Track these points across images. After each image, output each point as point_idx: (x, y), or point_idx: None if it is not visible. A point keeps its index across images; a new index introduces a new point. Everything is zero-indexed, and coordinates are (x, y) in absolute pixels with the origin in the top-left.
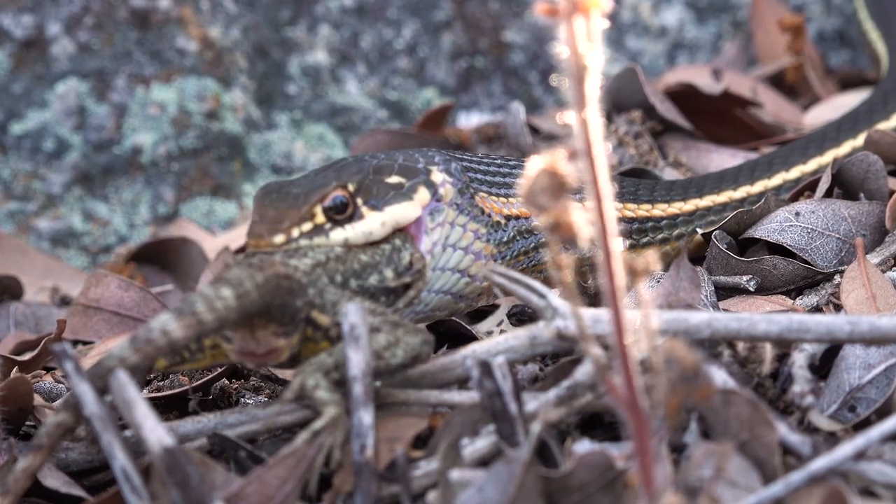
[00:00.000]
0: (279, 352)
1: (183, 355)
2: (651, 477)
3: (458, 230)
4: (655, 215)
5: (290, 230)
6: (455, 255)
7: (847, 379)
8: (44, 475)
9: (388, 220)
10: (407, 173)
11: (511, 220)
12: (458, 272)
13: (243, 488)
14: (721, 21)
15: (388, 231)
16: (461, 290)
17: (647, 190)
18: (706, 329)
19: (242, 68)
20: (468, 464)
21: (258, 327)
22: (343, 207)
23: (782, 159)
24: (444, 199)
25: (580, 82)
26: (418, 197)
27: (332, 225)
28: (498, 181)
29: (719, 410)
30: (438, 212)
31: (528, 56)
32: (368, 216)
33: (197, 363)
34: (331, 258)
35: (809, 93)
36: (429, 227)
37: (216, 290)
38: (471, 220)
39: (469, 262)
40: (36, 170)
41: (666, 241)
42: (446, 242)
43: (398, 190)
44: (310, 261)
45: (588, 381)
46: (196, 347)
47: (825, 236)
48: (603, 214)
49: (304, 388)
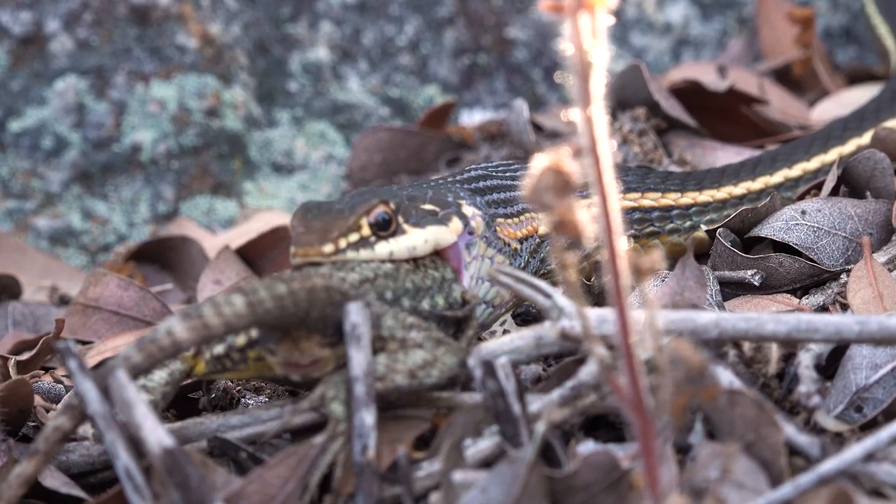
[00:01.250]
0: (324, 362)
1: (225, 364)
2: (656, 478)
3: (486, 263)
4: (683, 203)
5: (338, 240)
6: (484, 287)
7: (854, 379)
8: (43, 475)
9: (430, 237)
10: (439, 203)
11: (524, 241)
12: (486, 303)
13: (244, 488)
14: (726, 17)
15: (430, 249)
16: (485, 319)
17: (677, 179)
18: (714, 329)
19: (243, 65)
20: (471, 465)
21: (301, 339)
22: (386, 223)
23: (785, 156)
24: (477, 232)
25: (584, 79)
26: (452, 225)
27: (376, 238)
28: (506, 198)
29: (725, 411)
30: (473, 245)
31: (531, 53)
32: (411, 232)
33: (240, 373)
34: (379, 275)
35: (816, 88)
36: (467, 262)
37: (227, 297)
38: (497, 253)
39: (494, 294)
40: (34, 168)
41: (694, 229)
42: (479, 275)
43: (433, 215)
44: (357, 276)
45: (592, 381)
46: (239, 357)
47: (831, 235)
48: (608, 212)
49: (323, 397)
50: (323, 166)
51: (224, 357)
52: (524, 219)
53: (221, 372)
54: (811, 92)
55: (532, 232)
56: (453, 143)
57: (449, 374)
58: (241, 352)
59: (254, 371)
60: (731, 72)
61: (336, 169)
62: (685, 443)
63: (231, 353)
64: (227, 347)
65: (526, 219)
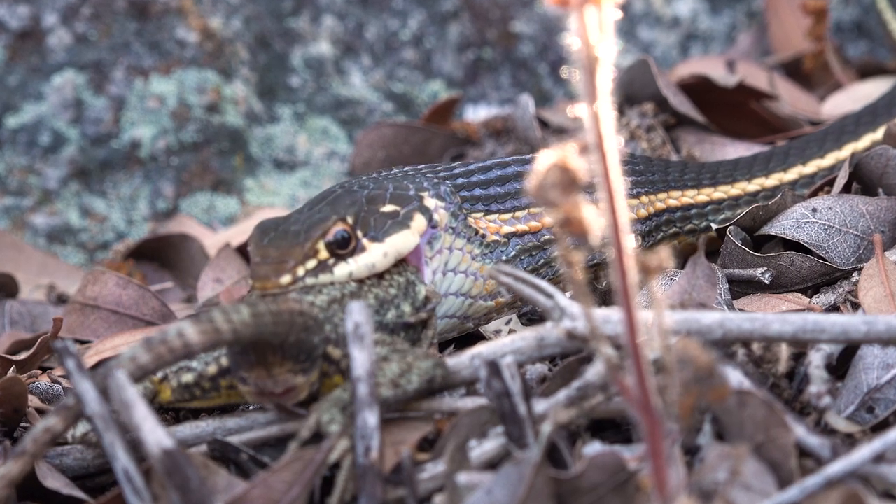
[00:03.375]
0: (297, 390)
1: (194, 392)
2: (664, 480)
3: (456, 254)
4: (700, 201)
5: (295, 269)
6: (456, 279)
7: (865, 379)
8: (44, 476)
9: (391, 250)
10: (400, 201)
11: (514, 237)
12: (461, 295)
13: (248, 492)
14: (735, 11)
15: (391, 262)
16: (465, 311)
17: (692, 174)
18: (718, 329)
19: (244, 60)
20: (476, 466)
21: (274, 365)
22: (345, 242)
23: (798, 152)
24: (440, 225)
25: (591, 74)
26: (415, 224)
27: (335, 260)
28: (495, 193)
29: (734, 411)
30: (436, 239)
31: (537, 47)
32: (370, 248)
33: (209, 401)
34: (345, 294)
35: (827, 83)
36: (428, 258)
37: (233, 305)
38: (466, 242)
39: (469, 285)
40: (32, 164)
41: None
42: (446, 268)
43: (395, 219)
44: (325, 297)
45: (599, 381)
46: (210, 386)
47: (843, 233)
48: (615, 210)
49: (319, 423)
50: (325, 163)
51: (194, 386)
52: (521, 216)
53: (189, 401)
54: (822, 87)
55: (530, 230)
56: (458, 139)
57: (427, 378)
58: (213, 380)
59: (224, 399)
60: (740, 66)
61: (339, 165)
62: (693, 444)
63: (202, 381)
64: (197, 376)
65: (524, 216)
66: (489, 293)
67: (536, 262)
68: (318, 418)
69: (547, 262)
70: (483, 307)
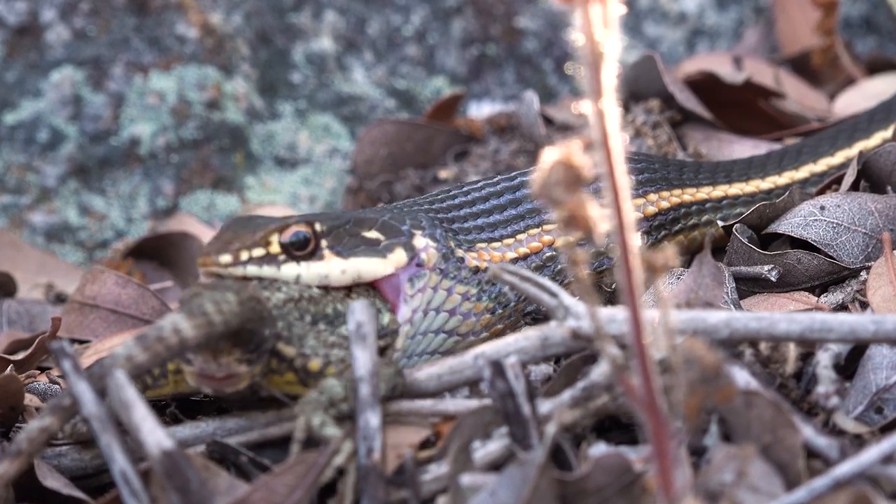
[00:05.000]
0: (238, 378)
1: (146, 381)
2: (670, 481)
3: (441, 294)
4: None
5: (238, 252)
6: (439, 318)
7: (874, 379)
8: (44, 476)
9: (350, 269)
10: (388, 231)
11: (519, 261)
12: (444, 333)
13: (249, 495)
14: (742, 7)
15: (347, 281)
16: (450, 347)
17: (707, 172)
18: (725, 329)
19: (245, 56)
20: (480, 467)
21: (223, 352)
22: (304, 244)
23: (811, 149)
24: (427, 265)
25: (596, 70)
26: (393, 257)
27: (286, 258)
28: (502, 219)
29: (741, 412)
30: (419, 277)
31: (541, 43)
32: (329, 260)
33: (160, 390)
34: (304, 297)
35: (836, 79)
36: (408, 295)
37: (220, 293)
38: (457, 283)
39: (457, 323)
40: (30, 162)
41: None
42: (428, 307)
43: (372, 245)
44: (283, 295)
45: (604, 381)
46: (160, 373)
47: (851, 231)
48: (620, 208)
49: (311, 427)
50: (327, 160)
51: (145, 374)
52: (525, 237)
53: (142, 391)
54: (830, 83)
55: (536, 249)
56: (461, 137)
57: (391, 384)
58: (162, 366)
59: (172, 387)
60: (747, 63)
61: (340, 163)
62: (700, 445)
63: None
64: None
65: (528, 236)
66: (484, 326)
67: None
68: (308, 421)
69: (556, 274)
70: (472, 343)
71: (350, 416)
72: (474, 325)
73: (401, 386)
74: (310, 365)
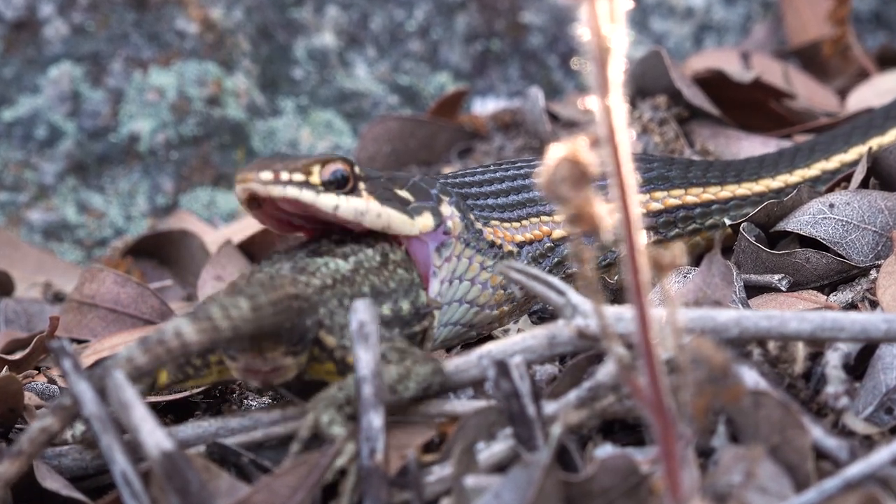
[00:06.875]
0: (285, 370)
1: (187, 371)
2: (677, 482)
3: (464, 262)
4: (723, 197)
5: (279, 173)
6: (462, 287)
7: (884, 380)
8: (43, 477)
9: (384, 215)
10: (417, 193)
11: (525, 245)
12: (467, 303)
13: (250, 497)
14: (750, 2)
15: (380, 226)
16: (470, 319)
17: (717, 171)
18: (734, 328)
19: (245, 51)
20: (484, 469)
21: (267, 349)
22: (343, 182)
23: (824, 146)
24: (453, 233)
25: (602, 66)
26: (420, 220)
27: (325, 188)
28: (509, 202)
29: (749, 412)
30: (446, 246)
31: (547, 38)
32: (367, 199)
33: (202, 379)
34: (337, 280)
35: (845, 72)
36: (437, 266)
37: (232, 299)
38: (477, 253)
39: (476, 293)
40: (27, 158)
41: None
42: (453, 276)
43: (403, 203)
44: (318, 282)
45: (611, 381)
46: (201, 363)
47: (861, 229)
48: (626, 206)
49: (318, 424)
50: None
51: (186, 364)
52: (529, 223)
53: (184, 381)
54: (839, 77)
55: (538, 237)
56: (465, 133)
57: (424, 385)
58: (203, 357)
59: (216, 376)
60: (754, 59)
61: None
62: (707, 446)
63: (193, 359)
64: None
65: (531, 223)
66: (497, 302)
67: (544, 269)
68: (317, 418)
69: (555, 266)
70: (488, 316)
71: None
72: (490, 297)
73: (437, 385)
74: (349, 358)
